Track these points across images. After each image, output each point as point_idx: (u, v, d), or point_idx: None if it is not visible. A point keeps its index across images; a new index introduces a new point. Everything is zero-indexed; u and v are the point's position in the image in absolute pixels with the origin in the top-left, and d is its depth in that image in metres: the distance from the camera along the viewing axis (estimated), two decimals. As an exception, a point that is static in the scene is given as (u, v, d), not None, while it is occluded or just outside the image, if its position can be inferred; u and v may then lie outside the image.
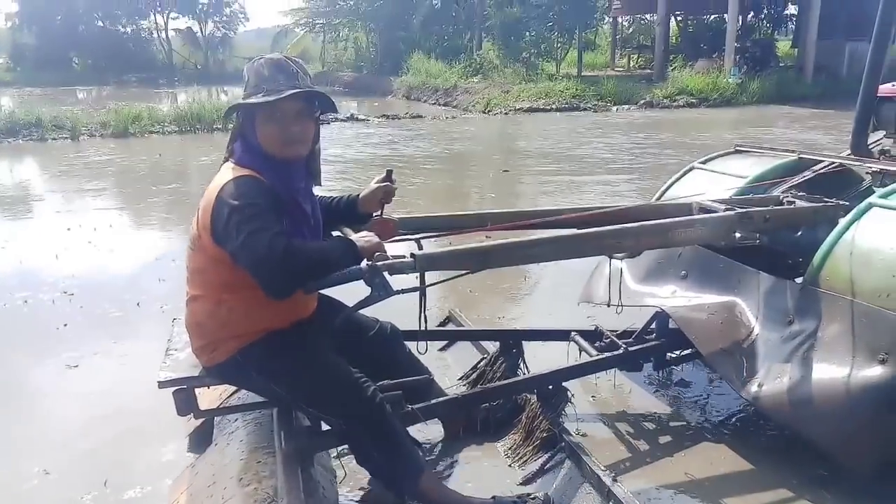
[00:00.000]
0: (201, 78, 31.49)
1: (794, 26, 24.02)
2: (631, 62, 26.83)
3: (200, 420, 2.61)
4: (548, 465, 2.50)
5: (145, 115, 13.99)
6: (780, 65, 20.74)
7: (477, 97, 18.93)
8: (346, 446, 2.34)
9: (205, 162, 10.12)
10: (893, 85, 3.68)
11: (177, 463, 2.61)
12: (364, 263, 1.93)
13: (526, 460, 2.58)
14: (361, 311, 2.31)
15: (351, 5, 28.97)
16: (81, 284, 4.78)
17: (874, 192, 2.88)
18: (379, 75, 27.04)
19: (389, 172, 2.38)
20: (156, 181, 8.84)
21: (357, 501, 2.40)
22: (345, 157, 10.84)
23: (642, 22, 29.29)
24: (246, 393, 2.47)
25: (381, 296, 1.94)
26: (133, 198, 8.01)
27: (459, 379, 3.12)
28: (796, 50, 21.94)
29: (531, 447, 2.60)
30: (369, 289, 1.94)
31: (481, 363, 3.11)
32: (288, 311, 2.11)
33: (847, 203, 2.78)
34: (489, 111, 17.41)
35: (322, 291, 2.21)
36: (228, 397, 2.62)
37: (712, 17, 25.32)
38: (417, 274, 2.10)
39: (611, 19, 27.25)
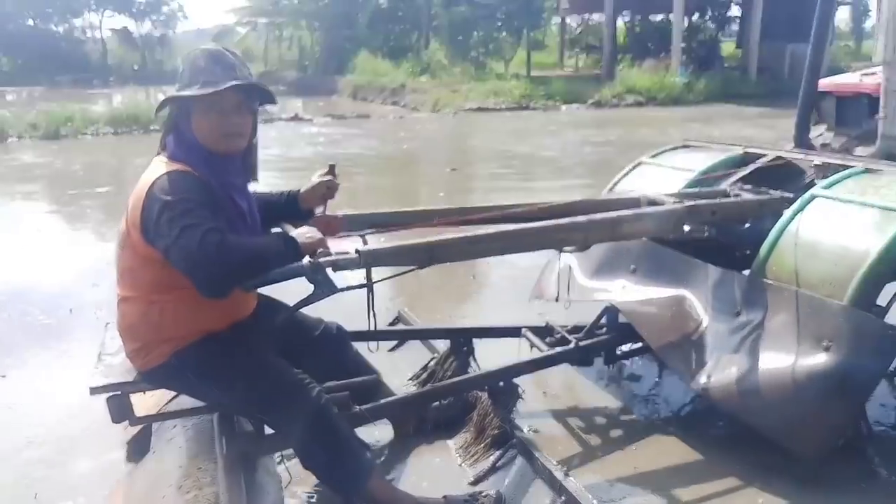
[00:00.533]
0: (138, 78, 30.56)
1: (737, 28, 24.65)
2: (579, 62, 27.22)
3: (138, 427, 2.49)
4: (500, 463, 2.47)
5: (77, 117, 13.52)
6: (725, 65, 21.27)
7: (425, 96, 18.91)
8: (290, 450, 2.25)
9: (141, 164, 9.71)
10: (833, 80, 3.77)
11: (113, 473, 2.48)
12: (306, 260, 1.86)
13: (478, 458, 2.53)
14: (305, 311, 2.24)
15: (295, 4, 28.63)
16: (9, 291, 4.54)
17: (816, 184, 2.93)
18: (324, 75, 26.78)
19: (332, 167, 2.31)
20: (89, 184, 8.53)
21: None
22: (288, 157, 10.67)
23: (590, 22, 29.67)
24: (185, 397, 2.36)
25: (325, 293, 1.88)
26: (65, 201, 7.70)
27: (410, 379, 3.06)
28: (740, 51, 22.54)
29: (483, 445, 2.56)
30: (312, 287, 1.87)
31: (431, 362, 3.05)
32: (225, 312, 2.01)
33: (791, 195, 2.82)
34: (438, 110, 17.40)
35: (262, 291, 2.12)
36: (167, 403, 2.50)
37: (659, 17, 25.84)
38: (364, 271, 2.04)
39: (559, 20, 27.55)
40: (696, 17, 24.33)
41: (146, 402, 2.52)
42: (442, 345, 3.10)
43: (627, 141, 11.74)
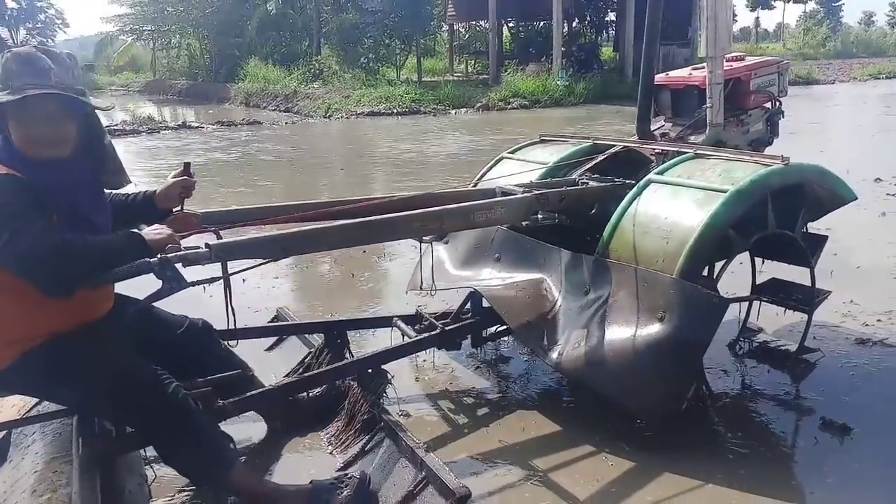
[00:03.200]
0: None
1: (614, 32, 25.80)
2: (469, 67, 27.66)
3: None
4: (368, 447, 2.54)
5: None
6: (604, 67, 22.20)
7: (317, 103, 18.79)
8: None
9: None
10: (667, 74, 4.10)
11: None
12: (157, 256, 1.89)
13: (348, 444, 2.61)
14: (169, 309, 2.27)
15: (181, 12, 27.75)
16: None
17: (654, 170, 3.18)
18: (215, 83, 26.14)
19: (187, 165, 2.34)
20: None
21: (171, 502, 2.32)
22: (180, 165, 10.37)
23: (477, 28, 30.24)
24: (47, 402, 2.32)
25: (174, 288, 1.91)
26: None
27: (286, 376, 3.10)
28: (617, 54, 23.64)
29: (353, 431, 2.63)
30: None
31: (307, 357, 3.10)
32: (75, 311, 1.99)
33: (632, 181, 3.06)
34: (330, 116, 17.35)
35: (119, 290, 2.13)
36: (30, 410, 2.45)
37: (541, 23, 26.65)
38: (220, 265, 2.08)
39: (447, 26, 27.96)
40: (575, 23, 25.27)
41: (5, 410, 2.45)
42: (319, 340, 3.15)
43: (514, 141, 11.99)
